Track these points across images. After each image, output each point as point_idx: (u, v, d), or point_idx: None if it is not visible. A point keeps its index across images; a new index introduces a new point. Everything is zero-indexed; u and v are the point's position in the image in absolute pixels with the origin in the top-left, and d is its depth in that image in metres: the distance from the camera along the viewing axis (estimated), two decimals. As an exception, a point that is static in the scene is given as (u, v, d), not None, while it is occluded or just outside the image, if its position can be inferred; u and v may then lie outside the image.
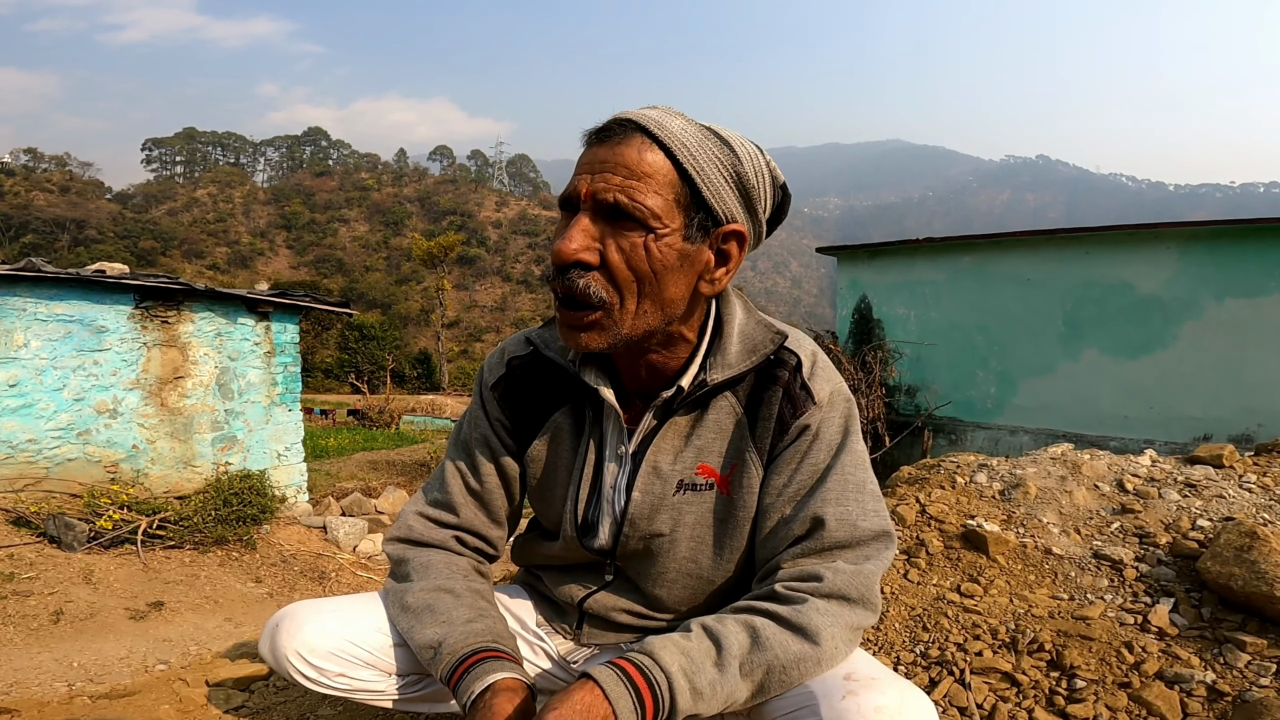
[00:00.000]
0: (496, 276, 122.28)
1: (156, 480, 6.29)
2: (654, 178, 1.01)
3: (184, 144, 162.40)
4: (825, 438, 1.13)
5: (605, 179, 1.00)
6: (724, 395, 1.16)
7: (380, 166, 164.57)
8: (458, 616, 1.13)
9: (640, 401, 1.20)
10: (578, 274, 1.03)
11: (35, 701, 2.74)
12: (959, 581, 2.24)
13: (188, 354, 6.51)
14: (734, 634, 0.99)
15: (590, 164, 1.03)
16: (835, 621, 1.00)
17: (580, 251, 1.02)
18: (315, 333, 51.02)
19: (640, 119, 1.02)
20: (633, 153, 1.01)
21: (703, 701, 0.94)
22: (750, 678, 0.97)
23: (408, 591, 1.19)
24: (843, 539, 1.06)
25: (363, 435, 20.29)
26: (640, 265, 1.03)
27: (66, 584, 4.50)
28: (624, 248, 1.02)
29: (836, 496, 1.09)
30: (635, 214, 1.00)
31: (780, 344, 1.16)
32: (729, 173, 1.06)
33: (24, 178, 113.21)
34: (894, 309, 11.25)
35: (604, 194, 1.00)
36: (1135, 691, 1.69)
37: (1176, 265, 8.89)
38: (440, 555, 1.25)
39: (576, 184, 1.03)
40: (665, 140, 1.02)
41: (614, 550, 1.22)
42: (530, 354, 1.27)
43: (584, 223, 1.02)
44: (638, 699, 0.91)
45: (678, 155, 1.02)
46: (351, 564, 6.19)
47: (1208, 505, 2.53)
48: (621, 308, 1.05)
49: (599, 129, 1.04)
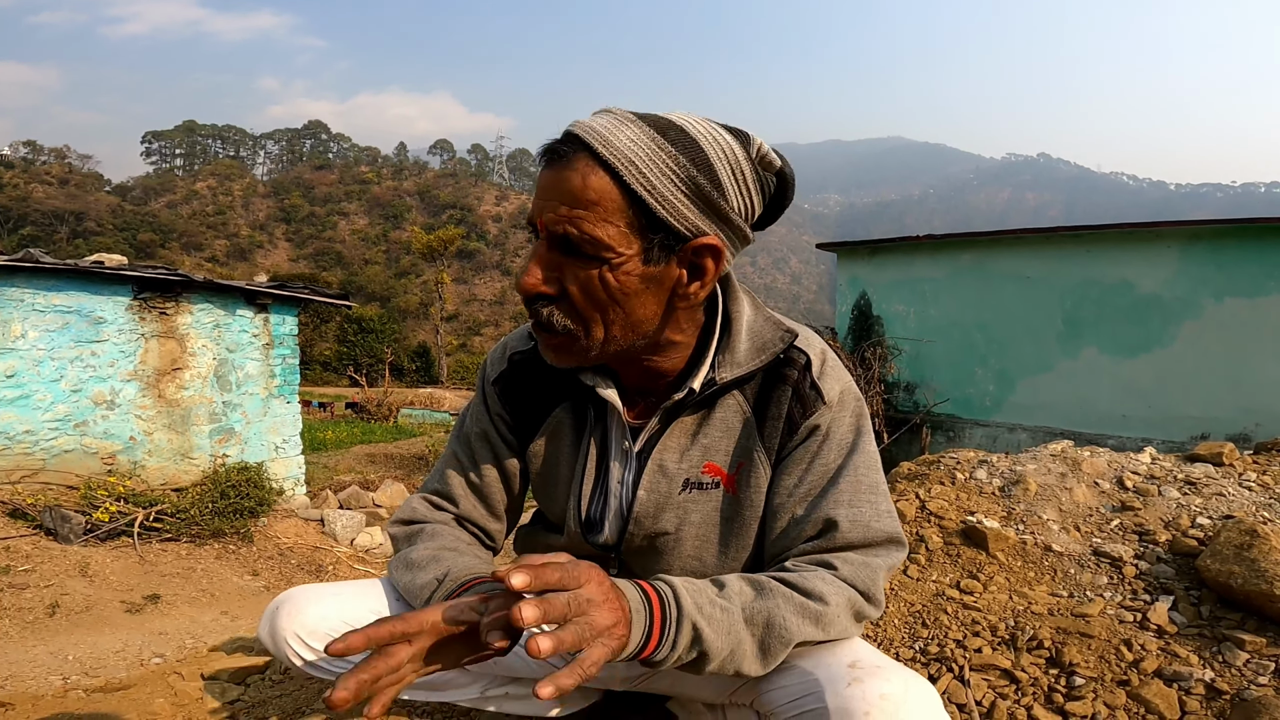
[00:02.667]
0: (496, 271, 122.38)
1: (154, 472, 6.28)
2: (600, 205, 0.94)
3: (184, 137, 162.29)
4: (836, 438, 1.12)
5: (554, 209, 0.96)
6: (732, 394, 1.15)
7: (380, 160, 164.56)
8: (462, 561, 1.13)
9: (641, 398, 1.18)
10: (541, 305, 1.02)
11: (30, 695, 2.74)
12: (958, 578, 2.24)
13: (186, 346, 6.49)
14: (736, 582, 0.99)
15: (543, 189, 0.98)
16: (840, 593, 1.00)
17: (539, 285, 1.00)
18: (314, 325, 50.96)
19: (585, 135, 0.95)
20: (577, 178, 0.94)
21: (705, 619, 0.91)
22: (752, 626, 0.95)
23: (413, 550, 1.18)
24: (855, 540, 1.06)
25: (361, 428, 20.28)
26: (598, 295, 0.99)
27: (62, 576, 4.50)
28: (580, 279, 0.99)
29: (849, 498, 1.08)
30: (584, 248, 0.96)
31: (790, 342, 1.14)
32: (687, 185, 0.97)
33: (23, 170, 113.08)
34: (893, 306, 11.25)
35: (554, 226, 0.96)
36: (1134, 689, 1.69)
37: (1176, 265, 8.89)
38: (444, 526, 1.26)
39: (533, 210, 1.00)
40: (610, 160, 0.93)
41: (619, 546, 1.22)
42: (532, 349, 1.25)
43: (541, 253, 1.00)
44: (644, 597, 0.89)
45: (624, 177, 0.94)
46: (349, 557, 6.18)
47: (1208, 503, 2.52)
48: (588, 335, 1.03)
49: (549, 147, 0.98)
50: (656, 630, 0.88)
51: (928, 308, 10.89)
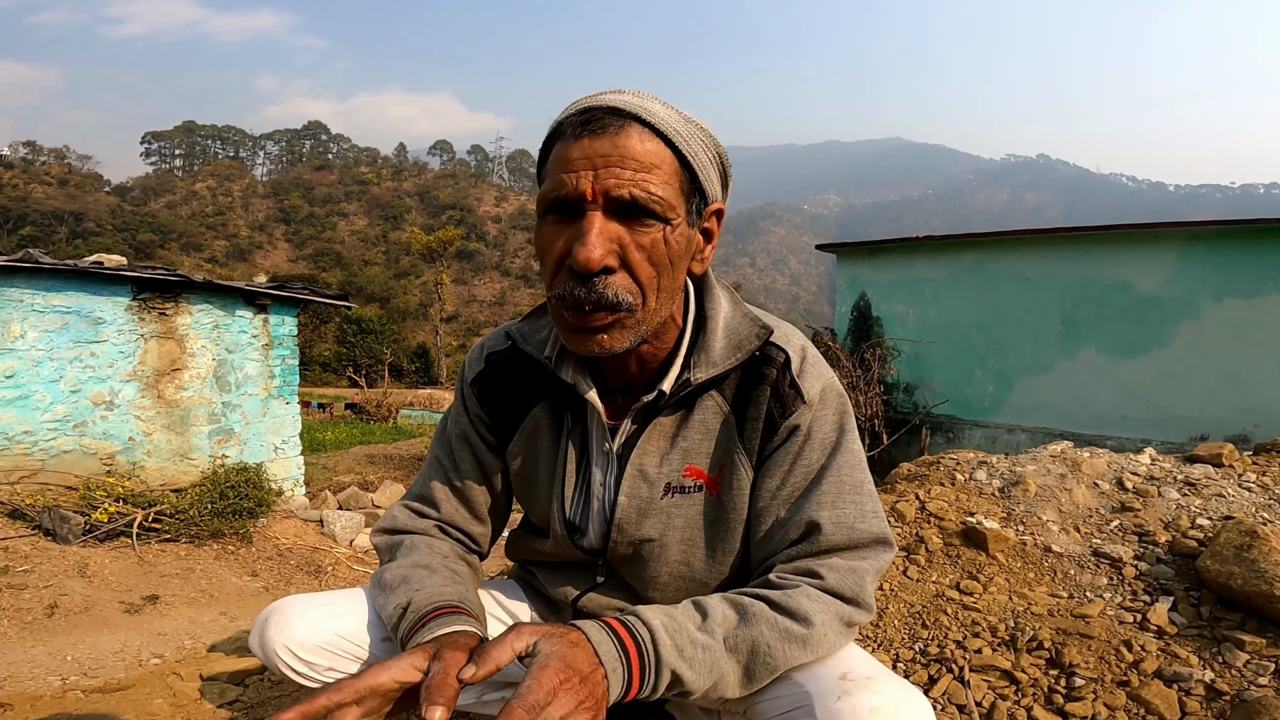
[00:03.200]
0: (495, 271, 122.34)
1: (153, 473, 6.27)
2: (661, 168, 0.97)
3: (183, 137, 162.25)
4: (818, 438, 1.10)
5: (615, 174, 0.94)
6: (710, 394, 1.13)
7: (380, 161, 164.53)
8: (430, 583, 1.11)
9: (622, 396, 1.16)
10: (602, 280, 0.97)
11: (28, 695, 2.73)
12: (958, 579, 2.24)
13: (185, 346, 6.49)
14: (719, 607, 0.97)
15: (588, 159, 0.95)
16: (827, 609, 0.98)
17: (606, 257, 0.96)
18: (313, 326, 50.91)
19: (629, 107, 0.97)
20: (636, 144, 0.96)
21: (685, 662, 0.91)
22: (736, 655, 0.95)
23: (386, 571, 1.17)
24: (839, 542, 1.04)
25: (360, 429, 20.26)
26: (661, 259, 1.00)
27: (61, 577, 4.49)
28: (644, 244, 0.98)
29: (833, 499, 1.06)
30: (652, 207, 0.96)
31: (765, 339, 1.12)
32: (712, 153, 1.04)
33: (23, 170, 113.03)
34: (893, 307, 11.25)
35: (617, 190, 0.95)
36: (1134, 690, 1.69)
37: (1175, 265, 8.89)
38: (422, 539, 1.24)
39: (575, 182, 0.95)
40: (661, 128, 0.98)
41: (604, 550, 1.20)
42: (509, 349, 1.24)
43: (599, 223, 0.96)
44: (620, 647, 0.89)
45: (675, 142, 0.99)
46: (348, 558, 6.18)
47: (1207, 504, 2.52)
48: (644, 305, 1.01)
49: (583, 120, 0.97)
50: (635, 681, 0.89)
51: (927, 308, 10.90)
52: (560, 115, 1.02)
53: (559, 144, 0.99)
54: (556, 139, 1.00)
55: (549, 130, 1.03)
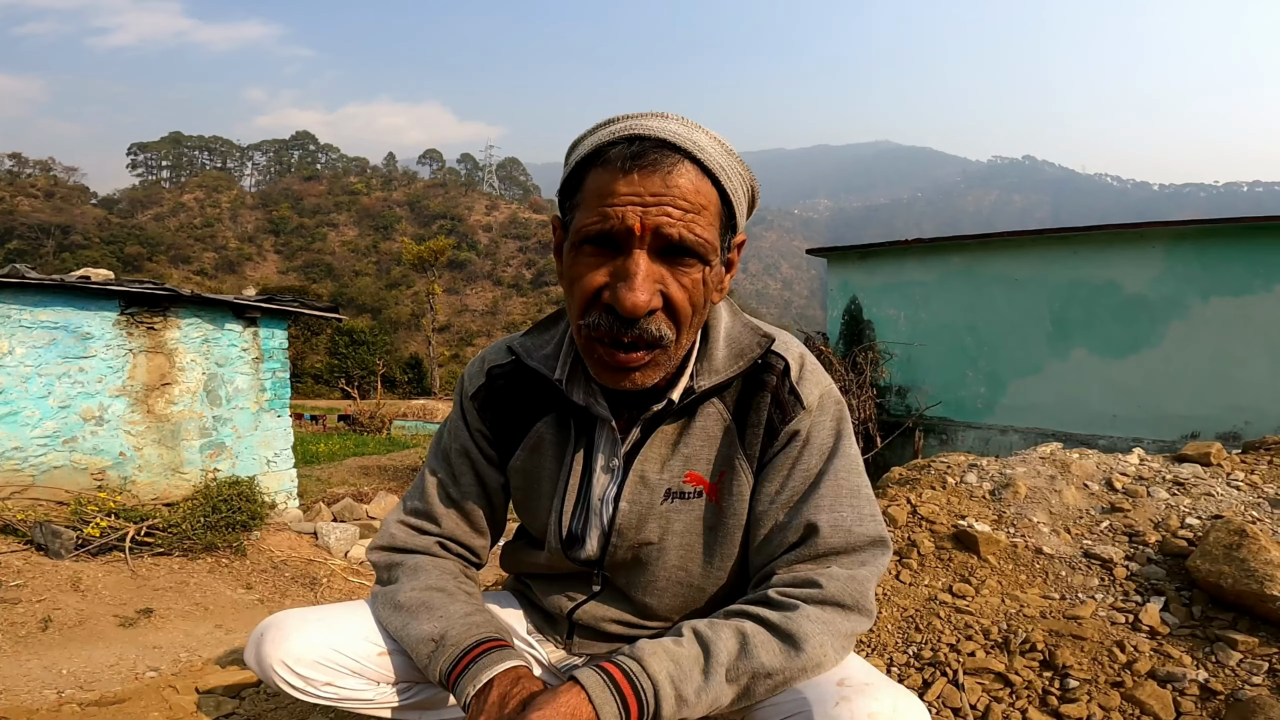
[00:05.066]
0: (487, 281, 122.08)
1: (144, 487, 6.24)
2: (708, 209, 0.98)
3: (170, 149, 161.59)
4: (816, 442, 1.12)
5: (667, 212, 0.94)
6: (711, 402, 1.15)
7: (369, 171, 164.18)
8: (455, 611, 1.12)
9: (627, 410, 1.17)
10: (646, 319, 0.98)
11: (24, 709, 2.71)
12: (951, 582, 2.25)
13: (174, 360, 6.46)
14: (724, 640, 0.98)
15: (639, 195, 0.94)
16: (825, 629, 0.99)
17: (650, 299, 0.96)
18: (304, 338, 50.75)
19: (680, 141, 0.96)
20: (688, 184, 0.96)
21: (687, 708, 0.93)
22: (735, 683, 0.96)
23: (399, 591, 1.17)
24: (837, 545, 1.05)
25: (354, 440, 20.20)
26: (698, 299, 1.01)
27: (54, 591, 4.46)
28: (685, 284, 0.99)
29: (830, 503, 1.08)
30: (697, 249, 0.97)
31: (767, 348, 1.14)
32: (746, 185, 1.05)
33: (9, 183, 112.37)
34: (884, 310, 11.28)
35: (668, 229, 0.94)
36: (1128, 691, 1.70)
37: (1162, 265, 8.95)
38: (427, 559, 1.24)
39: (624, 217, 0.94)
40: (710, 166, 0.97)
41: (601, 560, 1.20)
42: (512, 363, 1.24)
43: (645, 265, 0.96)
44: (623, 705, 0.90)
45: (720, 180, 0.99)
46: (343, 570, 6.15)
47: (1196, 503, 2.54)
48: (678, 341, 1.02)
49: (633, 152, 0.95)
50: None
51: (918, 311, 10.93)
52: (598, 136, 0.99)
53: (602, 172, 0.97)
54: (595, 163, 0.98)
55: (584, 151, 1.00)
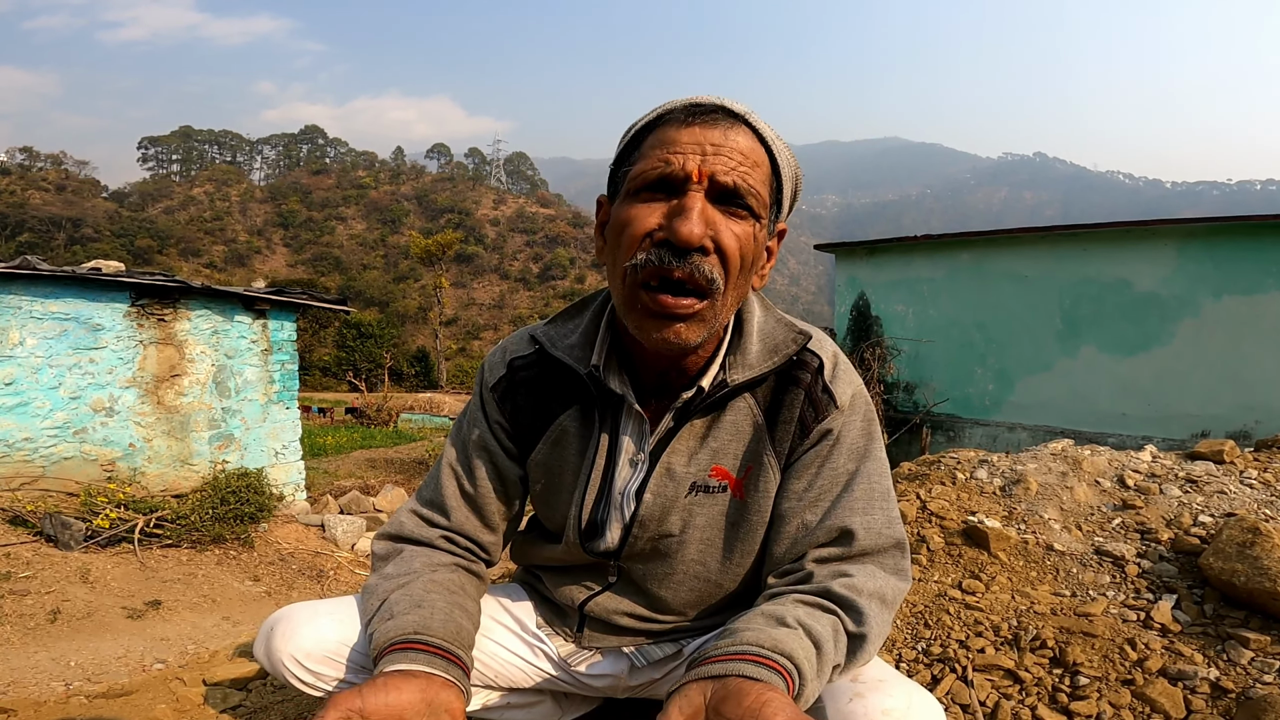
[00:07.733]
0: (494, 274, 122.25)
1: (153, 479, 6.27)
2: (761, 168, 1.00)
3: (180, 142, 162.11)
4: (848, 442, 1.11)
5: (724, 160, 0.97)
6: (743, 396, 1.13)
7: (378, 164, 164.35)
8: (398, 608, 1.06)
9: (655, 401, 1.16)
10: (697, 256, 0.97)
11: (32, 701, 2.73)
12: (960, 578, 2.24)
13: (184, 352, 6.49)
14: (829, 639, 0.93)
15: (698, 144, 0.97)
16: (880, 634, 0.99)
17: (705, 236, 0.97)
18: (313, 331, 50.92)
19: (739, 110, 1.00)
20: (745, 140, 0.99)
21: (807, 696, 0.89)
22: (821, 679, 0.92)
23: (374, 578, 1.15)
24: (869, 547, 1.04)
25: (361, 433, 20.26)
26: (747, 253, 1.01)
27: (63, 583, 4.49)
28: (736, 233, 0.99)
29: (864, 505, 1.07)
30: (750, 200, 0.98)
31: (803, 345, 1.13)
32: (794, 173, 1.07)
33: (20, 176, 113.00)
34: (892, 306, 11.25)
35: (724, 175, 0.96)
36: (1139, 688, 1.69)
37: (1174, 263, 8.90)
38: (421, 550, 1.20)
39: (683, 163, 0.96)
40: (764, 135, 1.01)
41: (619, 552, 1.19)
42: (535, 354, 1.21)
43: (701, 204, 0.97)
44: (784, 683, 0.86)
45: (774, 153, 1.02)
46: (350, 562, 6.17)
47: (1209, 501, 2.52)
48: (723, 296, 1.01)
49: (695, 109, 0.99)
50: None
51: (926, 308, 10.90)
52: (658, 108, 1.04)
53: (661, 128, 1.01)
54: (656, 125, 1.02)
55: (644, 120, 1.04)
